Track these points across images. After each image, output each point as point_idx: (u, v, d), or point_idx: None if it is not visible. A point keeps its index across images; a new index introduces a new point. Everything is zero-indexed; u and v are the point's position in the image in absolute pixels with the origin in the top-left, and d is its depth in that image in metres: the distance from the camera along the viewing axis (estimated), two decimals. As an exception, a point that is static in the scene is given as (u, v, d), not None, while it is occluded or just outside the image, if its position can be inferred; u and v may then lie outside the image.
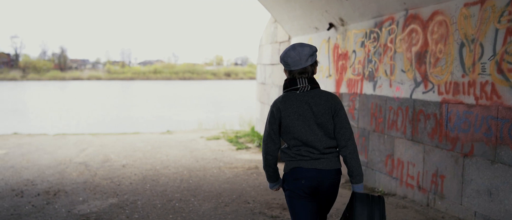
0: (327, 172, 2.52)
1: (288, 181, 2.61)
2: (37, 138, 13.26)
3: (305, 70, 2.60)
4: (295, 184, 2.56)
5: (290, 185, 2.59)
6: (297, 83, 2.58)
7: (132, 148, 10.42)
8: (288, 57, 2.59)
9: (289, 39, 9.20)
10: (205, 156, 9.08)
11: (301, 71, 2.58)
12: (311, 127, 2.53)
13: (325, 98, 2.57)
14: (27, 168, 7.84)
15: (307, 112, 2.54)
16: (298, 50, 2.57)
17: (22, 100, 39.38)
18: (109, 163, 8.30)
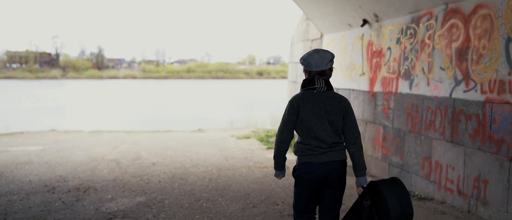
0: (334, 163, 2.87)
1: (300, 172, 2.93)
2: (73, 134, 13.56)
3: (324, 72, 2.94)
4: (306, 176, 2.89)
5: (301, 176, 2.92)
6: (315, 83, 2.91)
7: (163, 146, 10.44)
8: (311, 59, 2.92)
9: (321, 37, 8.94)
10: (235, 155, 8.97)
11: (320, 73, 2.92)
12: (323, 123, 2.86)
13: (338, 100, 2.94)
14: (61, 164, 7.95)
15: (322, 109, 2.87)
16: (321, 54, 2.93)
17: (61, 98, 40.69)
18: (139, 160, 8.32)
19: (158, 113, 27.58)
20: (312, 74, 2.94)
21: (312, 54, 2.94)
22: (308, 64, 2.94)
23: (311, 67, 2.93)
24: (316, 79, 2.91)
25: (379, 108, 6.73)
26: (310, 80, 2.93)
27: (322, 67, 2.91)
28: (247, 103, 34.40)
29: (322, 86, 2.90)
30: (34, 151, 9.77)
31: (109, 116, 25.94)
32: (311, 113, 2.86)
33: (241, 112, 26.77)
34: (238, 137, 12.06)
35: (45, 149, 10.03)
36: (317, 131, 2.86)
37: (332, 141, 2.88)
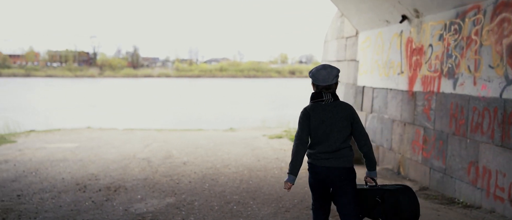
0: (333, 169, 3.16)
1: (309, 171, 3.32)
2: (107, 132, 13.72)
3: (330, 86, 3.25)
4: (312, 175, 3.31)
5: (310, 174, 3.33)
6: (323, 96, 3.23)
7: (194, 144, 10.36)
8: (319, 74, 3.22)
9: (357, 34, 8.59)
10: (267, 155, 8.75)
11: (327, 87, 3.23)
12: (331, 131, 3.17)
13: (344, 108, 3.24)
14: (94, 162, 7.97)
15: (330, 118, 3.19)
16: (328, 70, 3.24)
17: (97, 96, 41.70)
18: (170, 159, 8.24)
19: (191, 111, 27.74)
20: (320, 88, 3.24)
21: (320, 71, 3.24)
22: (316, 79, 3.24)
23: (318, 82, 3.23)
24: (323, 93, 3.23)
25: (419, 109, 6.34)
26: (318, 93, 3.25)
27: (328, 82, 3.23)
28: (279, 102, 34.15)
29: (329, 99, 3.22)
30: (70, 148, 9.89)
31: (143, 114, 26.29)
32: (319, 122, 3.18)
33: (273, 111, 26.55)
34: (269, 137, 11.84)
35: (80, 146, 10.14)
36: (322, 139, 3.18)
37: (334, 148, 3.17)
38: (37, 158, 8.48)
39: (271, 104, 32.06)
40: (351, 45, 8.85)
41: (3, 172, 7.03)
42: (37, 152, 9.31)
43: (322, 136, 3.18)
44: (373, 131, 7.70)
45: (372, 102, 7.80)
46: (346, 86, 9.09)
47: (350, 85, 8.85)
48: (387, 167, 7.14)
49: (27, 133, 13.40)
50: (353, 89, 8.68)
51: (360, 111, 8.25)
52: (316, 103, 3.25)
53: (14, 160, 8.21)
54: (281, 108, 28.83)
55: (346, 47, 9.15)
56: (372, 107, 7.79)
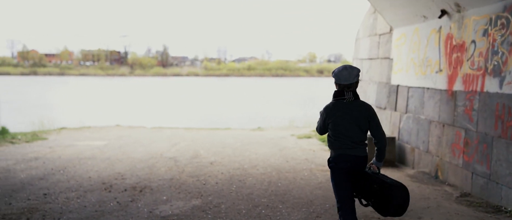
0: (358, 157, 3.45)
1: (335, 162, 3.48)
2: (136, 130, 13.76)
3: (352, 85, 3.46)
4: (339, 164, 3.46)
5: (336, 164, 3.48)
6: (344, 95, 3.45)
7: (221, 144, 10.19)
8: (341, 75, 3.45)
9: (391, 31, 8.19)
10: (296, 156, 8.47)
11: (348, 86, 3.44)
12: (351, 125, 3.41)
13: (363, 108, 3.48)
14: (121, 161, 7.90)
15: (350, 116, 3.42)
16: (349, 71, 3.45)
17: (128, 94, 42.35)
18: (197, 159, 8.08)
19: (219, 110, 27.70)
20: (342, 87, 3.47)
21: (341, 71, 3.47)
22: (339, 78, 3.47)
23: (340, 81, 3.46)
24: (345, 91, 3.46)
25: (460, 109, 5.92)
26: (340, 92, 3.48)
27: (349, 82, 3.45)
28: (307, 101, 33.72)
29: (350, 97, 3.46)
30: (98, 146, 9.89)
31: (171, 112, 26.44)
32: (342, 118, 3.43)
33: (301, 110, 26.17)
34: (298, 137, 11.54)
35: (108, 144, 10.14)
36: (347, 131, 3.43)
37: (357, 139, 3.45)
38: (66, 155, 8.50)
39: (299, 104, 31.68)
40: (385, 43, 8.45)
41: (33, 169, 7.03)
42: (66, 149, 9.35)
43: (344, 131, 3.44)
44: (408, 132, 7.30)
45: (407, 102, 7.39)
46: (378, 85, 8.70)
47: (383, 84, 8.45)
48: (424, 170, 6.73)
49: (58, 130, 13.59)
50: (386, 88, 8.29)
51: (393, 111, 7.86)
52: (338, 101, 3.49)
53: (44, 157, 8.24)
54: (309, 107, 28.42)
55: (379, 45, 8.75)
56: (407, 107, 7.39)
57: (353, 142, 3.43)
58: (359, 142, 3.46)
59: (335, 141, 3.49)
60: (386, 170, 7.08)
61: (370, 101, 9.20)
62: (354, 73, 3.47)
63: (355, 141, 3.44)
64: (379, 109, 8.59)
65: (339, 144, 3.46)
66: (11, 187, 5.84)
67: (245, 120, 22.74)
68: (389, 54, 8.21)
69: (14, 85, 54.33)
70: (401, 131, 7.54)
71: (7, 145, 10.00)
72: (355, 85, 3.50)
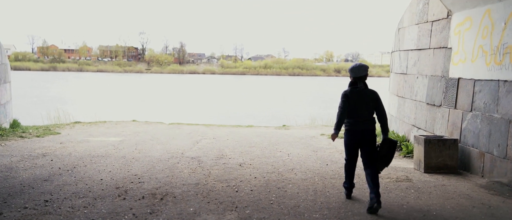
0: (366, 130, 4.58)
1: (348, 134, 4.68)
2: (153, 126, 12.80)
3: (362, 77, 4.63)
4: (349, 137, 4.68)
5: (347, 135, 4.70)
6: (357, 84, 4.63)
7: (247, 142, 9.14)
8: (355, 69, 4.63)
9: (449, 16, 7.01)
10: (334, 158, 7.37)
11: (359, 78, 4.62)
12: (362, 107, 4.56)
13: (371, 93, 4.63)
14: (138, 160, 6.91)
15: (362, 100, 4.58)
16: (360, 67, 4.63)
17: (145, 90, 41.68)
18: (224, 160, 7.04)
19: (237, 107, 26.73)
20: (355, 79, 4.62)
21: (355, 67, 4.64)
22: (353, 73, 4.64)
23: (355, 74, 4.63)
24: (357, 82, 4.61)
25: (553, 107, 4.74)
26: (354, 82, 4.62)
27: (361, 75, 4.61)
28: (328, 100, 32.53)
29: (361, 86, 4.60)
30: (113, 142, 8.94)
31: (188, 108, 25.54)
32: (355, 101, 4.55)
33: (322, 109, 25.01)
34: (329, 136, 10.42)
35: (123, 141, 9.18)
36: (360, 112, 4.55)
37: (367, 118, 4.56)
38: (77, 152, 7.55)
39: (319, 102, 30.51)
40: (440, 30, 7.27)
41: (37, 168, 6.08)
42: (78, 145, 8.41)
43: (358, 111, 4.53)
44: (475, 134, 6.12)
45: (472, 98, 6.21)
46: (430, 80, 7.53)
47: (437, 78, 7.28)
48: (500, 180, 5.54)
49: (72, 124, 12.70)
50: (441, 82, 7.11)
51: (452, 109, 6.69)
52: (353, 88, 4.61)
53: (52, 154, 7.31)
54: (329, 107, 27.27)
55: (432, 33, 7.58)
56: (473, 104, 6.21)
57: (365, 119, 4.56)
58: (368, 120, 4.58)
59: (349, 118, 4.60)
60: (446, 177, 5.94)
61: (418, 98, 8.02)
62: (364, 69, 4.62)
63: (366, 119, 4.56)
64: (430, 106, 7.43)
65: (352, 122, 4.59)
66: (8, 190, 4.87)
67: (264, 117, 21.70)
68: (446, 42, 7.03)
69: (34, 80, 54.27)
70: (464, 132, 6.37)
71: (16, 139, 9.12)
72: (364, 78, 4.64)
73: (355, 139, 4.58)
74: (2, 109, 10.31)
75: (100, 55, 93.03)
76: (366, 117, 4.52)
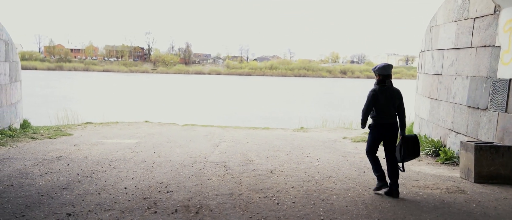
0: (392, 124, 4.96)
1: (375, 127, 5.01)
2: (167, 127, 12.31)
3: (389, 76, 5.00)
4: (378, 129, 5.00)
5: (375, 129, 5.01)
6: (385, 82, 4.96)
7: (270, 146, 8.62)
8: (382, 68, 4.98)
9: (496, 12, 6.45)
10: (368, 165, 6.82)
11: (387, 76, 4.97)
12: (389, 105, 4.92)
13: (397, 92, 4.99)
14: (160, 165, 6.39)
15: (388, 97, 4.92)
16: (386, 66, 5.02)
17: (152, 91, 41.25)
18: (251, 166, 6.51)
19: (246, 109, 26.21)
20: (382, 77, 4.98)
21: (382, 66, 5.02)
22: (381, 71, 4.99)
23: (382, 72, 4.98)
24: (385, 80, 4.97)
25: None
26: (381, 80, 4.97)
27: (388, 73, 4.98)
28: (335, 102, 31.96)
29: (389, 84, 4.98)
30: (129, 145, 8.45)
31: (196, 109, 25.04)
32: (383, 99, 4.92)
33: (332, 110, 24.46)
34: (353, 140, 9.88)
35: (140, 143, 8.68)
36: (386, 108, 4.94)
37: (392, 114, 4.97)
38: (94, 156, 7.05)
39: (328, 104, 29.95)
40: (485, 28, 6.72)
41: (54, 174, 5.57)
42: (93, 148, 7.92)
43: (385, 108, 4.93)
44: (529, 140, 5.56)
45: (527, 101, 5.66)
46: (472, 81, 6.97)
47: (481, 79, 6.72)
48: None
49: (84, 125, 12.23)
50: (487, 83, 6.56)
51: (503, 112, 6.13)
52: (381, 86, 4.97)
53: (68, 157, 6.82)
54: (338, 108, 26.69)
55: (474, 31, 7.02)
56: (527, 108, 5.65)
57: (392, 115, 4.94)
58: (394, 115, 4.95)
59: (377, 114, 4.94)
60: (503, 188, 5.38)
61: (456, 100, 7.46)
62: (390, 68, 4.98)
63: (392, 114, 4.94)
64: (473, 109, 6.87)
65: (381, 116, 4.92)
66: (25, 201, 4.36)
67: (276, 119, 21.17)
68: (493, 40, 6.48)
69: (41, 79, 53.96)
70: (517, 139, 5.81)
71: (28, 141, 8.64)
72: (390, 76, 4.98)
73: (382, 132, 4.96)
74: (13, 109, 9.84)
75: (106, 55, 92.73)
76: (393, 113, 4.95)
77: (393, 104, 4.87)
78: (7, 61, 9.57)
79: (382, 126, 4.91)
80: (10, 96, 9.71)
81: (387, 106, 4.85)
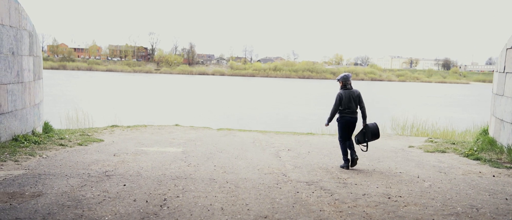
0: (353, 118, 6.37)
1: (341, 120, 6.37)
2: (201, 131, 10.92)
3: (349, 82, 6.50)
4: (344, 122, 6.36)
5: (342, 121, 6.37)
6: (346, 86, 6.45)
7: (339, 157, 7.24)
8: (344, 78, 6.52)
9: None
10: (496, 188, 5.44)
11: (347, 82, 6.47)
12: (351, 103, 6.32)
13: (356, 92, 6.44)
14: (237, 186, 4.98)
15: (350, 97, 6.34)
16: (348, 75, 6.57)
17: (158, 91, 39.81)
18: (352, 188, 5.09)
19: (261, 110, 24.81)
20: (344, 83, 6.47)
21: (342, 77, 6.56)
22: (342, 80, 6.50)
23: (343, 80, 6.48)
24: (346, 84, 6.46)
25: None
26: (344, 85, 6.46)
27: (347, 80, 6.48)
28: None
29: (350, 88, 6.47)
30: (176, 155, 7.07)
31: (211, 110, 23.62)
32: (346, 98, 6.33)
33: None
34: (424, 149, 8.49)
35: (187, 153, 7.33)
36: (349, 106, 6.33)
37: (353, 109, 6.36)
38: (146, 171, 5.65)
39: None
40: None
41: (115, 201, 4.13)
42: (138, 159, 6.52)
43: (348, 105, 6.32)
44: None
45: None
46: None
47: None
48: None
49: (110, 128, 10.80)
50: None
51: None
52: (344, 90, 6.41)
53: (116, 173, 5.40)
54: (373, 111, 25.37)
55: None
56: None
57: (353, 111, 6.38)
58: (355, 112, 6.40)
59: (342, 110, 6.36)
60: None
61: None
62: (349, 77, 6.57)
63: (353, 111, 6.38)
64: None
65: (345, 111, 6.35)
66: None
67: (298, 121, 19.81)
68: None
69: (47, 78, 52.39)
70: None
71: (57, 148, 7.22)
72: (350, 82, 6.51)
73: (346, 123, 6.35)
74: (36, 110, 8.40)
75: (109, 54, 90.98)
76: (354, 110, 6.36)
77: (354, 101, 6.36)
78: (31, 55, 8.13)
79: (346, 118, 6.36)
80: (34, 96, 8.28)
81: (350, 103, 6.34)
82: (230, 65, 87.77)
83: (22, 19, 7.62)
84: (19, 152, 6.49)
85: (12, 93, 7.20)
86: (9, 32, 7.06)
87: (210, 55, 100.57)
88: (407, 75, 77.84)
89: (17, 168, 5.56)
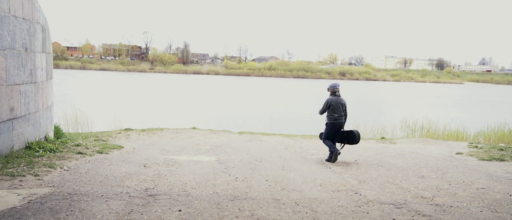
0: (340, 123, 6.98)
1: (330, 125, 6.99)
2: (224, 136, 10.02)
3: (338, 89, 7.18)
4: (331, 127, 6.98)
5: (331, 126, 6.98)
6: (335, 94, 7.07)
7: (392, 167, 6.36)
8: (334, 87, 7.23)
9: None
10: None
11: (337, 90, 7.13)
12: (339, 108, 6.98)
13: (343, 100, 7.08)
14: (314, 210, 4.08)
15: (339, 103, 6.99)
16: (336, 84, 7.28)
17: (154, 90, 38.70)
18: (445, 212, 4.23)
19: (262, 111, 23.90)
20: (334, 91, 7.12)
21: (332, 86, 7.26)
22: (332, 88, 7.20)
23: (333, 89, 7.16)
24: (336, 92, 7.09)
25: None
26: (333, 92, 7.11)
27: (337, 88, 7.17)
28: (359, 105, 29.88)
29: (338, 94, 7.08)
30: (214, 166, 6.16)
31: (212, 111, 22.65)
32: (335, 104, 6.95)
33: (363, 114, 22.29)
34: (480, 158, 7.62)
35: (224, 163, 6.45)
36: (337, 111, 6.96)
37: (341, 114, 6.98)
38: (192, 188, 4.72)
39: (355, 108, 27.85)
40: None
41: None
42: (175, 172, 5.59)
43: (336, 111, 6.95)
44: None
45: None
46: None
47: None
48: None
49: (124, 132, 9.84)
50: None
51: None
52: (333, 97, 7.04)
53: (160, 192, 4.46)
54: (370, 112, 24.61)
55: None
56: None
57: (340, 116, 6.99)
58: (341, 116, 7.00)
59: (331, 114, 6.96)
60: None
61: None
62: (338, 86, 7.25)
63: (340, 116, 6.99)
64: None
65: (334, 117, 6.94)
66: None
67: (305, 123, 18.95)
68: None
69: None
70: None
71: (76, 158, 6.23)
72: (338, 89, 7.18)
73: (334, 126, 7.01)
74: (48, 114, 7.38)
75: (103, 53, 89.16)
76: (341, 115, 7.04)
77: (341, 108, 7.01)
78: (44, 52, 7.11)
79: (334, 123, 6.99)
80: (47, 97, 7.27)
81: (338, 109, 6.97)
82: (225, 65, 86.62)
83: (35, 11, 6.60)
84: (36, 163, 5.49)
85: (25, 95, 6.18)
86: (22, 26, 6.04)
87: (204, 54, 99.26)
88: (401, 75, 77.54)
89: (40, 185, 4.58)
